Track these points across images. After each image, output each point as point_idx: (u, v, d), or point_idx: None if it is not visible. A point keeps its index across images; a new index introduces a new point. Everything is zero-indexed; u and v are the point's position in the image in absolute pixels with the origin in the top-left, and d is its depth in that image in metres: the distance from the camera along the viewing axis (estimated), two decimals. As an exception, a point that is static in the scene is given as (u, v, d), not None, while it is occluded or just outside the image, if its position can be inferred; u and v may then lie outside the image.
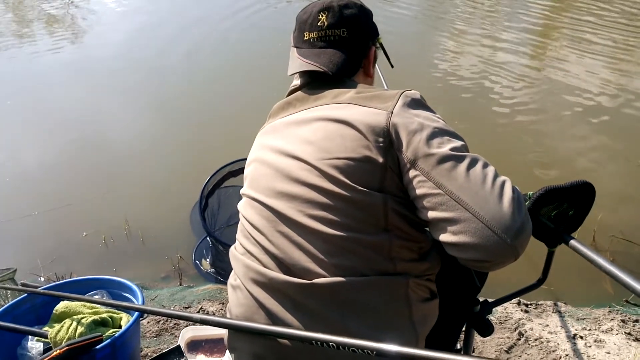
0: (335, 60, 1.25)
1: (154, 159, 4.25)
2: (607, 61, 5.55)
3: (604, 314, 2.57)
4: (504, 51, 5.87)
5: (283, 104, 1.30)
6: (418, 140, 1.04)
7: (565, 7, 7.18)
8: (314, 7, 1.30)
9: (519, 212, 0.97)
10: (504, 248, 0.95)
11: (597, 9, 6.97)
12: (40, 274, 3.06)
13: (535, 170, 3.87)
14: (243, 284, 1.19)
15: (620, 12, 6.85)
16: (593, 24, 6.48)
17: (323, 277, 1.08)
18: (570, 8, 7.09)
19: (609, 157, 4.02)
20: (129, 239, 3.41)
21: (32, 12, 7.75)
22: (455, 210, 0.98)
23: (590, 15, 6.71)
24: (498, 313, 2.58)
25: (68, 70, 5.84)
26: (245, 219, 1.24)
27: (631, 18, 6.65)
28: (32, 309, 2.01)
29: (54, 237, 3.42)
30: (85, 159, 4.25)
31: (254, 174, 1.26)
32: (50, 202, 3.73)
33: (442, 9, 7.30)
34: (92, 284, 2.07)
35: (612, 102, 4.74)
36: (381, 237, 1.08)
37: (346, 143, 1.09)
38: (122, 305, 1.70)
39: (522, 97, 4.89)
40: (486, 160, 1.04)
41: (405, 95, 1.12)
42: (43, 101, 5.21)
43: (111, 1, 8.03)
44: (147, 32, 6.73)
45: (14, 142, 4.54)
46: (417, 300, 1.12)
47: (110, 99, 5.15)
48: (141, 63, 5.93)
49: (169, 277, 3.11)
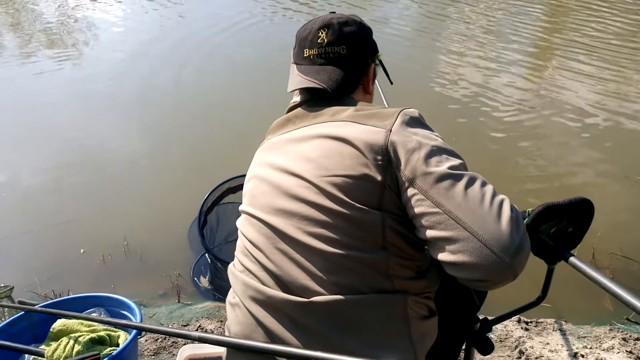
0: (335, 77, 1.25)
1: (152, 175, 4.25)
2: (602, 80, 5.58)
3: (605, 332, 2.56)
4: (498, 70, 5.91)
5: (282, 120, 1.30)
6: (416, 159, 1.04)
7: (559, 28, 7.25)
8: (314, 25, 1.31)
9: (517, 231, 0.97)
10: (502, 267, 0.95)
11: (591, 29, 7.03)
12: (37, 291, 3.04)
13: (533, 187, 3.88)
14: (242, 302, 1.18)
15: (613, 33, 6.91)
16: (587, 45, 6.53)
17: (321, 295, 1.08)
18: (564, 29, 7.15)
19: (607, 174, 4.03)
20: (127, 255, 3.40)
21: (31, 30, 7.80)
22: (453, 229, 0.98)
23: (585, 37, 6.77)
24: (498, 331, 2.57)
25: (66, 88, 5.85)
26: (244, 236, 1.24)
27: (624, 40, 6.71)
28: (29, 327, 1.99)
29: (51, 254, 3.40)
30: (83, 175, 4.24)
31: (253, 190, 1.26)
32: (48, 219, 3.72)
33: (438, 29, 7.36)
34: (90, 302, 2.06)
35: (609, 120, 4.76)
36: (379, 255, 1.08)
37: (345, 161, 1.09)
38: (119, 323, 1.69)
39: (518, 115, 4.91)
40: (484, 178, 1.04)
41: (403, 113, 1.13)
42: (41, 118, 5.23)
43: (110, 21, 8.08)
44: (144, 51, 6.76)
45: (11, 159, 4.53)
46: (415, 318, 1.12)
47: (108, 117, 5.16)
48: (138, 81, 5.94)
49: (168, 295, 3.09)
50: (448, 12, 7.89)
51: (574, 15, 7.55)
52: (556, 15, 7.74)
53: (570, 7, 7.89)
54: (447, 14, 7.83)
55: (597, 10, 7.67)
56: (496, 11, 7.85)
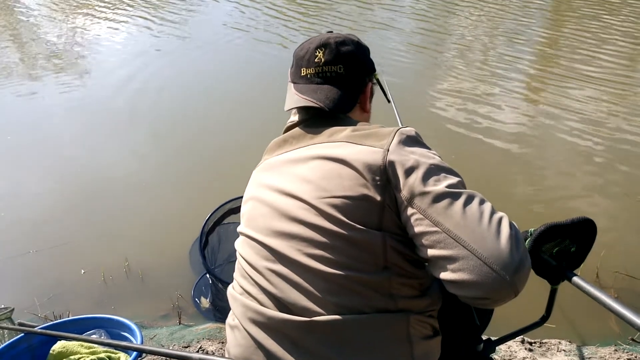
0: (332, 96, 1.26)
1: (153, 196, 4.25)
2: (604, 97, 5.61)
3: (610, 352, 2.53)
4: (498, 86, 5.94)
5: (279, 141, 1.31)
6: (414, 179, 1.04)
7: (556, 49, 7.30)
8: (311, 44, 1.32)
9: (517, 248, 0.97)
10: (503, 285, 0.95)
11: (596, 40, 7.08)
12: (37, 313, 3.02)
13: (534, 207, 3.87)
14: (241, 324, 1.17)
15: (616, 44, 6.97)
16: (589, 57, 6.58)
17: (322, 315, 1.07)
18: (562, 47, 7.21)
19: (608, 193, 4.02)
20: (128, 276, 3.39)
21: (35, 51, 7.88)
22: (453, 248, 0.98)
23: (587, 51, 6.81)
24: (502, 352, 2.54)
25: (67, 109, 5.88)
26: (242, 258, 1.24)
27: (631, 58, 6.76)
28: (28, 349, 1.98)
29: (51, 275, 3.40)
30: (83, 196, 4.24)
31: (251, 212, 1.26)
32: (48, 240, 3.71)
33: (437, 41, 7.42)
34: (90, 323, 2.05)
35: (610, 139, 4.76)
36: (381, 275, 1.07)
37: (344, 182, 1.09)
38: (120, 345, 1.68)
39: (518, 134, 4.92)
40: (483, 196, 1.04)
41: (400, 132, 1.13)
42: (42, 139, 5.24)
43: (115, 42, 8.17)
44: (145, 72, 6.82)
45: (11, 179, 4.54)
46: (418, 338, 1.11)
47: (108, 138, 5.17)
48: (138, 102, 5.97)
49: (168, 316, 3.07)
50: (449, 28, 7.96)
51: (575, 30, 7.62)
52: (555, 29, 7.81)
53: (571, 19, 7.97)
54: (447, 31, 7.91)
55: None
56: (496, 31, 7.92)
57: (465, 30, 8.00)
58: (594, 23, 7.95)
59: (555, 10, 8.80)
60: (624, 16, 8.25)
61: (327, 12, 8.79)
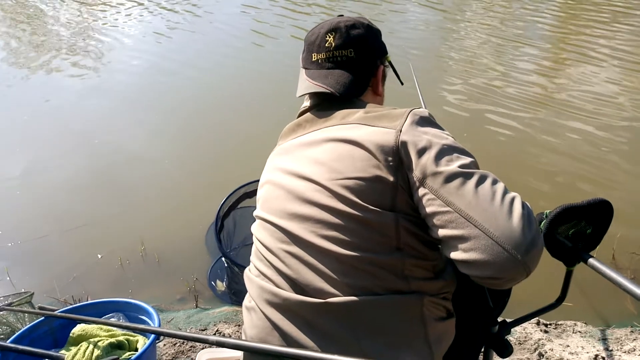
0: (343, 81, 1.26)
1: (169, 180, 4.28)
2: (620, 78, 5.52)
3: (626, 333, 2.52)
4: (511, 67, 5.87)
5: (293, 125, 1.31)
6: (427, 159, 1.04)
7: (572, 35, 7.19)
8: (321, 29, 1.32)
9: (529, 227, 0.96)
10: (514, 264, 0.95)
11: (609, 27, 6.96)
12: (56, 297, 3.07)
13: (550, 188, 3.84)
14: (257, 306, 1.19)
15: (629, 32, 6.84)
16: (604, 40, 6.47)
17: (337, 296, 1.08)
18: (577, 34, 7.10)
19: (625, 174, 3.97)
20: (145, 260, 3.43)
21: (50, 39, 7.92)
22: (464, 227, 0.98)
23: (601, 38, 6.70)
24: (517, 333, 2.54)
25: (86, 93, 5.92)
26: (258, 241, 1.25)
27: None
28: (49, 332, 2.02)
29: (69, 260, 3.45)
30: (100, 179, 4.29)
31: (266, 196, 1.27)
32: (66, 223, 3.77)
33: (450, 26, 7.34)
34: (109, 307, 2.09)
35: (626, 120, 4.70)
36: (394, 256, 1.07)
37: (356, 163, 1.09)
38: (138, 328, 1.70)
39: (532, 116, 4.87)
40: (495, 176, 1.04)
41: (413, 113, 1.13)
42: (60, 122, 5.29)
43: (129, 25, 8.18)
44: (164, 57, 6.83)
45: (30, 162, 4.59)
46: (432, 319, 1.11)
47: (126, 122, 5.21)
48: (158, 86, 6.01)
49: (185, 299, 3.11)
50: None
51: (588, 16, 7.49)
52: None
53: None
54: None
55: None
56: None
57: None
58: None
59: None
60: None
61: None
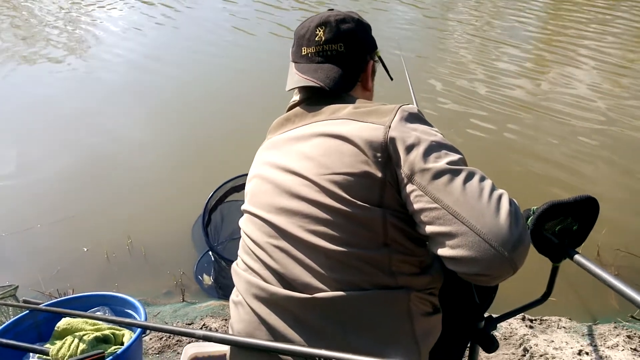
0: (332, 75, 1.25)
1: (156, 173, 4.26)
2: (606, 77, 5.57)
3: (610, 329, 2.55)
4: (503, 61, 5.90)
5: (282, 120, 1.30)
6: (415, 155, 1.04)
7: (558, 32, 7.23)
8: (311, 22, 1.31)
9: (516, 224, 0.97)
10: (501, 261, 0.95)
11: (595, 29, 7.01)
12: (41, 290, 3.04)
13: (537, 185, 3.86)
14: (245, 300, 1.18)
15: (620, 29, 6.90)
16: (591, 42, 6.52)
17: (324, 291, 1.08)
18: (564, 29, 7.14)
19: (611, 171, 4.02)
20: (131, 254, 3.41)
21: (38, 28, 7.83)
22: (452, 224, 0.98)
23: (587, 39, 6.76)
24: (503, 329, 2.56)
25: (73, 86, 5.87)
26: (246, 235, 1.24)
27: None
28: (33, 325, 2.00)
29: (55, 253, 3.41)
30: (86, 172, 4.24)
31: (254, 190, 1.26)
32: (51, 216, 3.72)
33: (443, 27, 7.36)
34: (94, 301, 2.07)
35: (612, 119, 4.74)
36: (381, 251, 1.08)
37: (344, 159, 1.09)
38: (124, 322, 1.69)
39: (520, 115, 4.90)
40: (483, 173, 1.04)
41: (402, 109, 1.13)
42: (44, 114, 5.23)
43: (116, 18, 8.11)
44: (151, 50, 6.78)
45: (15, 155, 4.54)
46: (419, 315, 1.11)
47: (112, 114, 5.17)
48: (143, 80, 5.96)
49: (171, 293, 3.09)
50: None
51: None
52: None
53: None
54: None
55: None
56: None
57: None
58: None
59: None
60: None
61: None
